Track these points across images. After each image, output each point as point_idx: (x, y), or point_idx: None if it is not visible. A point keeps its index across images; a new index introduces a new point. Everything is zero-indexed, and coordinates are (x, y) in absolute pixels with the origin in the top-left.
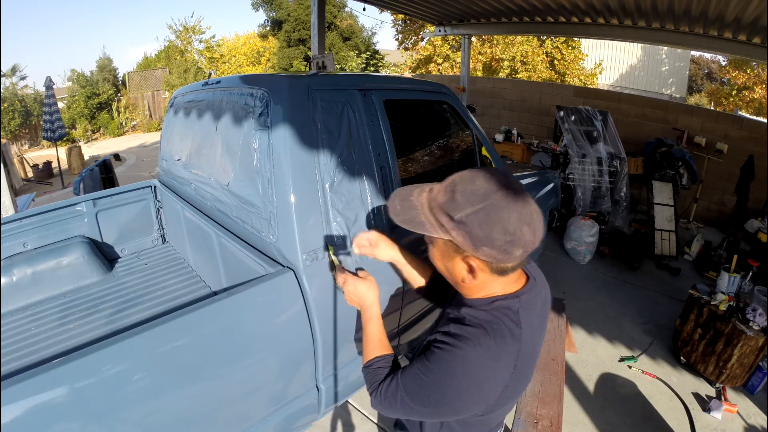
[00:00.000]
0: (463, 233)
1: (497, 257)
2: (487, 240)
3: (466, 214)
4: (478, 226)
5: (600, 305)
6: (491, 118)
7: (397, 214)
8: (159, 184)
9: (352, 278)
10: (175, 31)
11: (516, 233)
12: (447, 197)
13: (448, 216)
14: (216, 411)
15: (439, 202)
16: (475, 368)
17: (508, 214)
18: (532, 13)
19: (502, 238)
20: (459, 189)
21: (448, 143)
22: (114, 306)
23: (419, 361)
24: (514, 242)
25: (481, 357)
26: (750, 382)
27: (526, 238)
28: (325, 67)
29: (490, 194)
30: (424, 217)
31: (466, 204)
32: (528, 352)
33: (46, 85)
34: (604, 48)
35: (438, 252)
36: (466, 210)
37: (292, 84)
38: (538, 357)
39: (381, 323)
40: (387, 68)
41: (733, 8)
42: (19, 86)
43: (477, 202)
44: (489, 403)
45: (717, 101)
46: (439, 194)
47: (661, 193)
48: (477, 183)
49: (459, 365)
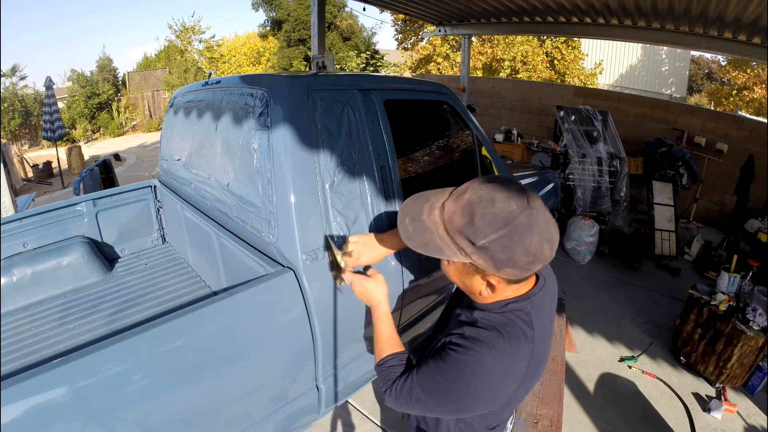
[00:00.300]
0: (486, 257)
1: (518, 275)
2: (509, 262)
3: (489, 241)
4: (501, 251)
5: (600, 305)
6: (491, 118)
7: (410, 237)
8: (159, 184)
9: (359, 277)
10: (175, 31)
11: (537, 252)
12: (465, 221)
13: (468, 241)
14: (216, 411)
15: (457, 225)
16: (490, 371)
17: (530, 237)
18: (532, 13)
19: (524, 260)
20: (478, 212)
21: (448, 143)
22: (114, 306)
23: (435, 362)
24: (535, 261)
25: (496, 360)
26: (750, 382)
27: (546, 254)
28: (325, 67)
29: (512, 217)
30: (441, 241)
31: (487, 229)
32: (540, 353)
33: (46, 85)
34: (604, 48)
35: (455, 269)
36: (489, 236)
37: (292, 84)
38: (548, 356)
39: (391, 320)
40: (387, 68)
41: (733, 8)
42: (19, 86)
43: (499, 227)
44: (502, 402)
45: (717, 101)
46: (455, 216)
47: (661, 193)
48: (497, 205)
49: (475, 368)
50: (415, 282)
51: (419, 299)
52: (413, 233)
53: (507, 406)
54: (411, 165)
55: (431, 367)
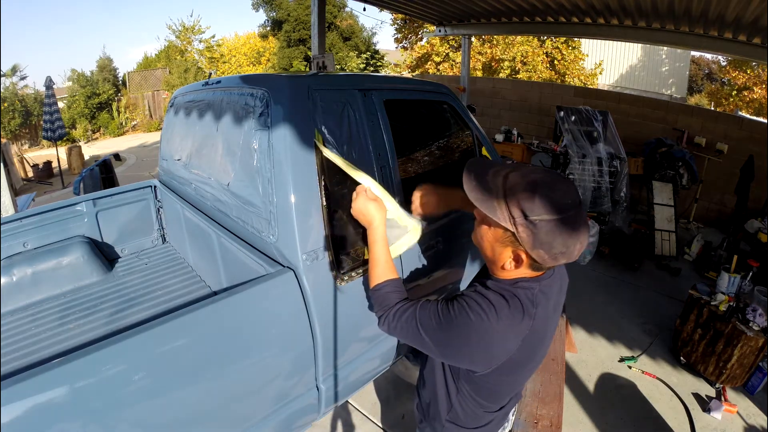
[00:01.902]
0: (530, 233)
1: (546, 261)
2: (547, 246)
3: (540, 219)
4: (545, 233)
5: (600, 305)
6: (491, 118)
7: (471, 189)
8: (159, 184)
9: (365, 195)
10: (174, 31)
11: (570, 248)
12: (526, 195)
13: (521, 212)
14: (216, 411)
15: (518, 196)
16: (489, 333)
17: (572, 232)
18: (532, 13)
19: (559, 249)
20: (540, 192)
21: (448, 143)
22: (114, 306)
23: (442, 306)
24: (565, 254)
25: (498, 325)
26: (750, 383)
27: (574, 254)
28: (325, 67)
29: (567, 209)
30: (497, 203)
31: (543, 209)
32: (538, 330)
33: (46, 84)
34: (604, 48)
35: (492, 235)
36: (542, 215)
37: (293, 84)
38: (547, 341)
39: (387, 245)
40: (387, 68)
41: (733, 8)
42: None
43: (554, 212)
44: (491, 366)
45: (717, 101)
46: (518, 187)
47: (661, 194)
48: (557, 194)
49: (476, 324)
50: (415, 282)
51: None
52: (475, 186)
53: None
54: (411, 165)
55: (437, 308)
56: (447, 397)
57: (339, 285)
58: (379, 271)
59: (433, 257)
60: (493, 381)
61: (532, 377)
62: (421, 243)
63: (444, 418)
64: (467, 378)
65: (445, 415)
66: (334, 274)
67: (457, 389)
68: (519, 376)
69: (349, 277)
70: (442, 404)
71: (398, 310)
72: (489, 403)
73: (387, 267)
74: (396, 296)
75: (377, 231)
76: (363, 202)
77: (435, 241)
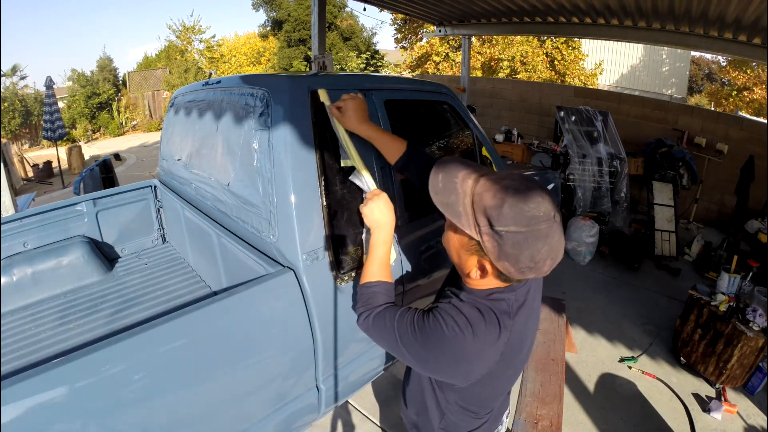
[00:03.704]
0: (495, 244)
1: (512, 274)
2: (512, 258)
3: (507, 230)
4: (512, 246)
5: (600, 305)
6: (491, 118)
7: (437, 192)
8: (159, 183)
9: (381, 195)
10: (175, 31)
11: (539, 263)
12: (495, 203)
13: (488, 222)
14: (216, 411)
15: (485, 203)
16: (466, 350)
17: (542, 247)
18: (532, 13)
19: (525, 264)
20: (509, 201)
21: (448, 143)
22: (114, 306)
23: (419, 318)
24: (533, 269)
25: (475, 342)
26: (750, 383)
27: (544, 269)
28: (325, 67)
29: (537, 222)
30: (462, 209)
31: (511, 221)
32: (515, 342)
33: (46, 84)
34: (604, 48)
35: (458, 242)
36: (509, 227)
37: (293, 84)
38: (526, 348)
39: (389, 251)
40: (387, 68)
41: (734, 9)
42: (20, 86)
43: (522, 225)
44: (469, 380)
45: (717, 102)
46: (487, 194)
47: (662, 194)
48: (529, 204)
49: (454, 343)
50: (415, 282)
51: (419, 299)
52: (441, 189)
53: (476, 388)
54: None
55: (413, 319)
56: (437, 407)
57: (339, 285)
58: (374, 270)
59: (432, 258)
60: (477, 391)
61: (532, 377)
62: (421, 243)
63: (437, 427)
64: (450, 388)
65: (437, 425)
66: (334, 274)
67: (446, 399)
68: (502, 382)
69: (349, 277)
70: (433, 414)
71: (380, 312)
72: (477, 409)
73: (385, 270)
74: (383, 298)
75: (384, 231)
76: (382, 203)
77: (435, 241)
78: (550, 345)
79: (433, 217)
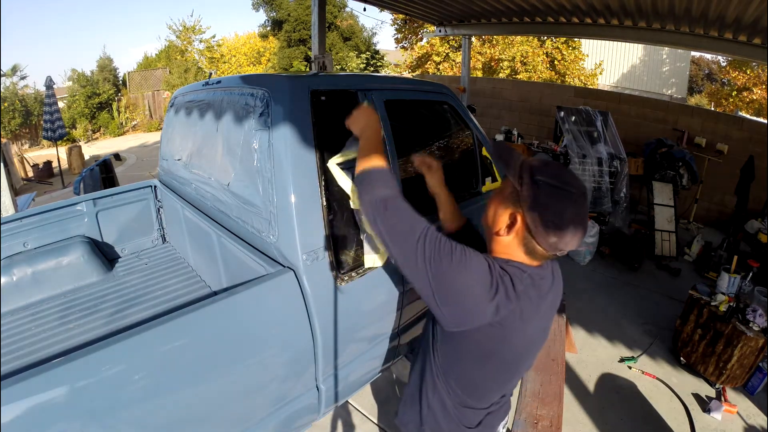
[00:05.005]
0: (531, 192)
1: (538, 229)
2: (542, 209)
3: (545, 181)
4: (546, 195)
5: (600, 305)
6: (491, 118)
7: (497, 149)
8: (159, 183)
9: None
10: (174, 31)
11: (563, 225)
12: (540, 164)
13: (530, 173)
14: (216, 411)
15: (532, 164)
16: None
17: (570, 209)
18: (533, 13)
19: (553, 218)
20: (552, 166)
21: (448, 144)
22: (114, 306)
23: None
24: (558, 228)
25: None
26: (750, 383)
27: (566, 237)
28: (325, 67)
29: (571, 187)
30: (513, 163)
31: (550, 176)
32: (515, 314)
33: (46, 84)
34: (604, 48)
35: (499, 198)
36: (548, 179)
37: (293, 84)
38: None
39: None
40: (387, 68)
41: (734, 9)
42: (20, 86)
43: (558, 182)
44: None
45: (717, 102)
46: (534, 160)
47: (662, 194)
48: (567, 174)
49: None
50: None
51: (419, 300)
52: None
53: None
54: (411, 165)
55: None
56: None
57: (339, 285)
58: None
59: None
60: (470, 372)
61: (532, 377)
62: None
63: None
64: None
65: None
66: (334, 274)
67: (447, 390)
68: (497, 369)
69: (349, 277)
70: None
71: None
72: (473, 400)
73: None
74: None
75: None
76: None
77: None
78: (550, 345)
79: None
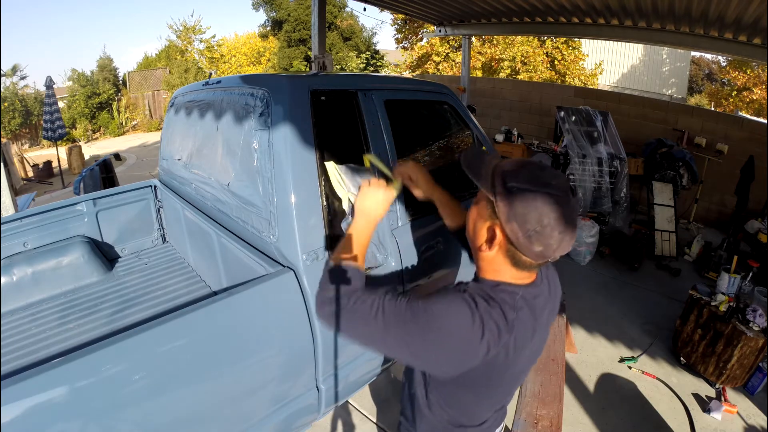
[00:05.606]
0: (506, 202)
1: (519, 240)
2: (520, 219)
3: (519, 187)
4: (521, 202)
5: (600, 305)
6: (491, 118)
7: (467, 158)
8: (159, 183)
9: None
10: (175, 31)
11: (546, 230)
12: (513, 167)
13: (503, 181)
14: (216, 411)
15: (504, 168)
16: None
17: (551, 212)
18: (533, 13)
19: (533, 226)
20: (527, 167)
21: (448, 143)
22: (114, 306)
23: (414, 299)
24: (540, 236)
25: (462, 328)
26: (750, 383)
27: (551, 242)
28: (325, 67)
29: (550, 187)
30: (484, 171)
31: (524, 181)
32: (509, 345)
33: (46, 84)
34: (604, 48)
35: (476, 211)
36: (522, 184)
37: (293, 84)
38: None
39: (367, 243)
40: (387, 68)
41: (734, 9)
42: (20, 86)
43: (534, 185)
44: (449, 374)
45: (717, 102)
46: (507, 164)
47: (662, 194)
48: (546, 173)
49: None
50: (415, 282)
51: None
52: (473, 157)
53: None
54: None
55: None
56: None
57: None
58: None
59: (433, 257)
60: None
61: (532, 377)
62: (421, 243)
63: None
64: (436, 387)
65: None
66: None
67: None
68: (493, 393)
69: None
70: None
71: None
72: (466, 418)
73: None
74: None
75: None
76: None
77: (435, 241)
78: (550, 345)
79: (433, 217)
